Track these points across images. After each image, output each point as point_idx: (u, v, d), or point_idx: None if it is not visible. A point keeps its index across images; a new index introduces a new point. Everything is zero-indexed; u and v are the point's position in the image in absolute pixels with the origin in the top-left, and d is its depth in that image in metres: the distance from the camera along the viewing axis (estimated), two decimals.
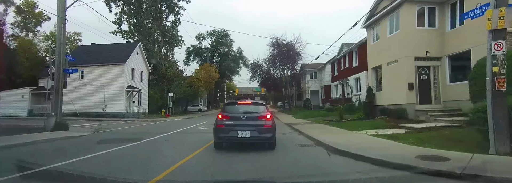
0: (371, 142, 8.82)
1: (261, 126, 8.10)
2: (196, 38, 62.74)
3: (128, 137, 12.10)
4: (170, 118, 29.71)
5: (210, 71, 40.62)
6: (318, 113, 27.06)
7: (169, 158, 7.36)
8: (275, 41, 40.00)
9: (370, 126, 13.34)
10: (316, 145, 9.20)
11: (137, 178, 5.35)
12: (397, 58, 16.01)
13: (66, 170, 5.72)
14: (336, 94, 34.39)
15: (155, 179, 5.16)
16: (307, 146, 9.19)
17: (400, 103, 15.71)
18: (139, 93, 34.32)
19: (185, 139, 11.62)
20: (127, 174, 5.68)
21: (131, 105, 32.48)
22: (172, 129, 15.73)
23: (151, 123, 22.93)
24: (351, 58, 28.81)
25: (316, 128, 14.22)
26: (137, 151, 8.86)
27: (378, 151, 6.97)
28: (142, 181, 5.05)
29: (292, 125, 17.08)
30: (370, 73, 19.46)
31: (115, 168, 6.28)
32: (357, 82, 27.63)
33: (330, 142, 8.82)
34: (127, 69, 31.79)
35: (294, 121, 21.16)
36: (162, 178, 5.23)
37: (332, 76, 35.66)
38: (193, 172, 5.96)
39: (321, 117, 23.26)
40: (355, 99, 26.84)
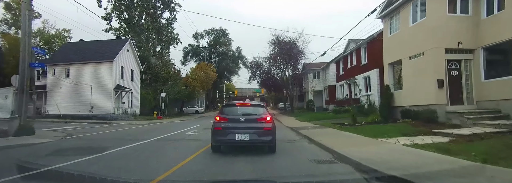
0: (416, 157, 6.29)
1: (261, 129, 7.73)
2: (194, 37, 60.23)
3: (94, 146, 9.64)
4: (161, 121, 27.19)
5: (207, 70, 38.04)
6: (324, 115, 24.53)
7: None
8: (276, 38, 37.48)
9: (396, 131, 10.83)
10: (339, 161, 6.63)
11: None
12: (423, 50, 13.51)
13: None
14: (342, 94, 31.86)
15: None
16: (328, 163, 6.57)
17: (427, 104, 13.19)
18: (130, 93, 31.78)
19: (162, 149, 9.07)
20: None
21: (120, 106, 29.94)
22: (155, 135, 13.19)
23: (138, 126, 20.40)
24: (360, 55, 26.31)
25: (329, 134, 11.68)
26: (88, 167, 6.32)
27: (449, 177, 4.44)
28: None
29: (298, 129, 14.54)
30: (387, 70, 16.95)
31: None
32: (367, 81, 25.13)
33: (358, 156, 6.30)
34: (115, 67, 29.27)
35: (299, 124, 18.62)
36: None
37: (337, 75, 33.14)
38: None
39: (328, 120, 20.74)
40: (365, 100, 24.33)
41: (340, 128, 13.91)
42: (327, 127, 15.26)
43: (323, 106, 38.72)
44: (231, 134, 7.57)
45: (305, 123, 19.24)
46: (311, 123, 19.25)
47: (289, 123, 20.63)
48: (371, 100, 23.46)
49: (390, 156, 6.40)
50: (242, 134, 7.53)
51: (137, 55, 33.50)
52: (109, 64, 28.90)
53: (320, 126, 16.31)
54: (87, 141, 11.63)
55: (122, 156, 7.66)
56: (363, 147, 7.82)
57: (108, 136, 13.28)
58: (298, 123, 20.26)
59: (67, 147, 9.61)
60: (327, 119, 21.35)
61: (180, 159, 7.03)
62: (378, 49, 23.14)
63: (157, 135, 13.07)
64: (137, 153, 8.30)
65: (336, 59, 33.85)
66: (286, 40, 37.25)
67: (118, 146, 9.31)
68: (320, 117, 22.69)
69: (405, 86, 15.20)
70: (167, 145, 9.73)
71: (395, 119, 15.02)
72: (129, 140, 11.22)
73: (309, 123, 18.88)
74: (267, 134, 7.72)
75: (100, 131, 16.33)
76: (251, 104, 9.21)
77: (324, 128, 14.94)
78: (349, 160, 6.24)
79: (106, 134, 14.77)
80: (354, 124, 15.07)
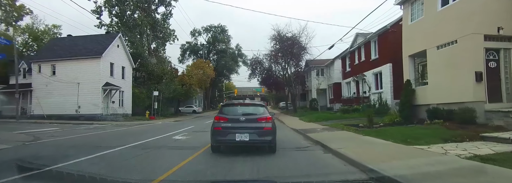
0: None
1: (261, 129, 7.59)
2: (191, 34, 57.96)
3: (47, 155, 7.54)
4: (153, 121, 24.98)
5: (205, 67, 35.74)
6: (330, 115, 22.31)
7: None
8: (277, 34, 35.26)
9: (431, 136, 8.61)
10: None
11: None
12: (456, 38, 11.27)
13: None
14: (348, 92, 29.64)
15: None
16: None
17: (461, 101, 10.96)
18: (120, 92, 29.55)
19: (131, 163, 6.78)
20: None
21: (110, 105, 27.73)
22: (135, 139, 10.97)
23: (123, 129, 18.20)
24: (369, 50, 24.08)
25: (346, 139, 9.45)
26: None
27: None
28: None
29: (306, 132, 12.30)
30: (407, 63, 14.71)
31: None
32: (377, 78, 22.93)
33: (413, 179, 4.05)
34: (104, 64, 27.04)
35: (304, 125, 16.40)
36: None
37: (343, 72, 30.91)
38: None
39: (336, 120, 18.55)
40: (376, 98, 22.13)
41: (356, 130, 11.67)
42: (339, 129, 13.03)
43: (327, 105, 36.51)
44: (231, 134, 7.41)
45: (311, 124, 17.02)
46: (318, 123, 17.03)
47: (293, 124, 18.40)
48: (383, 98, 21.30)
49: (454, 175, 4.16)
50: (242, 134, 7.37)
51: (129, 51, 31.27)
52: (96, 60, 26.68)
53: (330, 127, 14.08)
54: (47, 148, 9.44)
55: (60, 177, 5.28)
56: (407, 161, 5.59)
57: (79, 141, 11.07)
58: (303, 124, 18.04)
59: (12, 157, 7.39)
60: (335, 119, 19.16)
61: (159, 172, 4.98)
62: (391, 42, 21.00)
63: (137, 139, 10.84)
64: (92, 166, 6.04)
65: (341, 55, 31.64)
66: (288, 36, 35.07)
67: (77, 156, 7.08)
68: (327, 117, 20.47)
69: (431, 81, 12.97)
70: (138, 156, 7.43)
71: (420, 119, 12.80)
72: (98, 147, 9.01)
73: (316, 124, 16.65)
74: (267, 134, 7.56)
75: (77, 134, 14.14)
76: (251, 103, 9.17)
77: (336, 130, 12.69)
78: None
79: (80, 138, 12.56)
80: (371, 126, 12.85)
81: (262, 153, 7.57)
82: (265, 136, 7.50)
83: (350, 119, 18.51)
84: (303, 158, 7.00)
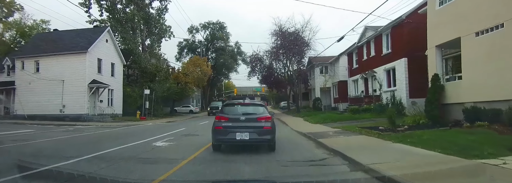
0: None
1: (261, 128, 7.61)
2: (189, 31, 55.66)
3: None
4: (143, 122, 22.82)
5: (201, 65, 33.49)
6: (338, 116, 20.14)
7: None
8: (278, 29, 33.12)
9: (484, 143, 6.50)
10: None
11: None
12: (504, 20, 9.10)
13: None
14: (356, 91, 27.48)
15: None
16: None
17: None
18: (109, 90, 27.39)
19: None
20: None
21: (97, 105, 25.56)
22: (108, 146, 8.81)
23: (106, 131, 16.04)
24: (380, 44, 21.92)
25: (374, 149, 7.29)
26: None
27: None
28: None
29: (316, 137, 10.11)
30: (433, 55, 12.52)
31: None
32: (390, 74, 20.80)
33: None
34: (90, 60, 24.87)
35: (312, 128, 14.23)
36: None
37: (350, 69, 28.73)
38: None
39: (347, 122, 16.44)
40: (388, 97, 20.00)
41: (379, 135, 9.49)
42: (356, 132, 10.85)
43: (332, 104, 34.35)
44: (232, 133, 7.51)
45: (320, 126, 14.85)
46: (327, 126, 14.87)
47: (298, 125, 16.23)
48: (396, 97, 19.19)
49: None
50: (242, 133, 7.46)
51: (119, 47, 29.09)
52: (82, 55, 24.49)
53: (344, 130, 11.90)
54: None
55: None
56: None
57: (35, 148, 8.93)
58: (310, 126, 15.88)
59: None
60: (345, 121, 17.02)
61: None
62: (407, 35, 18.92)
63: (108, 146, 8.65)
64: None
65: (348, 51, 29.47)
66: (290, 31, 32.91)
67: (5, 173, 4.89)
68: (335, 118, 18.29)
69: (466, 75, 10.80)
70: (80, 177, 5.19)
71: (454, 121, 10.63)
72: (51, 157, 6.88)
73: (326, 126, 14.48)
74: (267, 133, 7.63)
75: (47, 138, 12.00)
76: (251, 103, 9.28)
77: (353, 134, 10.51)
78: None
79: (44, 143, 10.41)
80: (394, 129, 10.69)
81: (265, 170, 5.41)
82: (265, 135, 7.57)
83: (363, 120, 16.38)
84: (325, 179, 4.82)
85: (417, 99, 18.86)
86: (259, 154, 7.49)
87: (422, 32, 17.79)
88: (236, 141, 7.44)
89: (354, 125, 13.88)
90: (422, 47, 17.03)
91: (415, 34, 18.88)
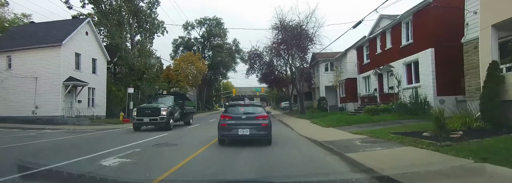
0: None
1: (259, 125, 8.90)
2: (183, 28, 52.43)
3: None
4: (124, 126, 19.71)
5: (195, 61, 30.34)
6: (351, 117, 17.10)
7: None
8: (279, 23, 30.08)
9: None
10: None
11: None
12: None
13: None
14: (367, 89, 24.50)
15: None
16: None
17: None
18: (90, 89, 24.35)
19: None
20: None
21: (75, 105, 22.51)
22: (42, 162, 5.76)
23: (71, 137, 13.04)
24: (399, 34, 18.94)
25: (455, 178, 4.20)
26: None
27: None
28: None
29: (340, 149, 7.05)
30: (488, 37, 9.45)
31: None
32: (411, 68, 17.86)
33: None
34: (66, 54, 21.82)
35: (327, 133, 11.17)
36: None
37: (360, 65, 25.72)
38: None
39: (365, 124, 13.47)
40: (410, 94, 17.03)
41: (434, 146, 6.44)
42: (394, 142, 7.79)
43: (338, 104, 31.32)
44: (235, 129, 8.77)
45: (335, 132, 11.79)
46: (344, 130, 11.82)
47: (306, 130, 13.16)
48: (420, 94, 16.29)
49: None
50: (243, 129, 8.70)
51: (104, 42, 26.05)
52: (56, 49, 21.45)
53: (373, 138, 8.85)
54: None
55: None
56: None
57: None
58: (322, 130, 12.84)
59: None
60: (363, 123, 14.02)
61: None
62: (434, 21, 16.01)
63: (36, 165, 5.63)
64: None
65: (357, 45, 26.48)
66: (293, 24, 29.86)
67: None
68: (349, 120, 15.22)
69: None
70: None
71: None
72: None
73: (343, 132, 11.41)
74: (264, 129, 8.88)
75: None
76: (251, 104, 10.54)
77: (393, 145, 7.42)
78: None
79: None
80: (446, 136, 7.66)
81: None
82: (263, 130, 8.87)
83: (385, 123, 13.41)
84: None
85: (445, 96, 15.97)
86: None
87: (452, 17, 14.86)
88: (238, 136, 8.70)
89: (379, 129, 10.88)
90: (453, 35, 14.20)
91: (443, 20, 15.95)
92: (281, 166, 5.93)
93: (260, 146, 8.56)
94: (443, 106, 15.79)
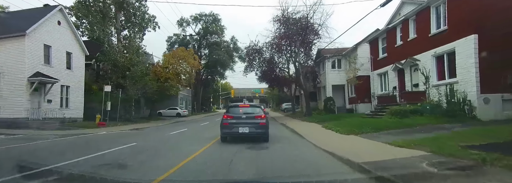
0: None
1: (257, 124, 9.96)
2: (178, 24, 49.31)
3: None
4: (97, 130, 16.47)
5: (187, 57, 27.04)
6: (373, 121, 13.81)
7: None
8: (281, 14, 26.93)
9: None
10: None
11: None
12: None
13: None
14: (384, 87, 21.34)
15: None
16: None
17: None
18: (64, 87, 21.10)
19: None
20: None
21: (44, 106, 19.26)
22: None
23: (12, 146, 9.75)
24: (427, 21, 15.77)
25: None
26: None
27: None
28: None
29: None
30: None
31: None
32: (444, 61, 14.76)
33: None
34: (31, 45, 18.58)
35: (357, 145, 8.03)
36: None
37: (374, 60, 22.49)
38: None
39: (399, 130, 10.32)
40: (443, 92, 13.90)
41: None
42: (501, 168, 4.55)
43: (346, 105, 28.15)
44: (235, 128, 9.81)
45: (364, 142, 8.60)
46: (378, 140, 8.58)
47: (322, 139, 9.95)
48: (457, 92, 13.22)
49: None
50: (243, 127, 9.75)
51: (76, 31, 22.76)
52: (20, 40, 18.18)
53: (442, 156, 5.65)
54: None
55: None
56: None
57: None
58: (344, 140, 9.64)
59: None
60: (393, 128, 10.89)
61: None
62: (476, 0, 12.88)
63: None
64: None
65: (370, 38, 23.30)
66: (297, 17, 26.70)
67: None
68: (374, 125, 11.89)
69: None
70: None
71: None
72: None
73: (377, 142, 8.20)
74: (262, 128, 9.98)
75: None
76: (250, 105, 11.66)
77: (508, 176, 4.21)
78: None
79: None
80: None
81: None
82: (261, 129, 9.94)
83: (423, 128, 10.28)
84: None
85: (490, 94, 12.80)
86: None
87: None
88: (239, 133, 9.81)
89: (428, 138, 7.75)
90: (502, 20, 11.13)
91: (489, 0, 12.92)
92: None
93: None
94: (488, 106, 12.74)
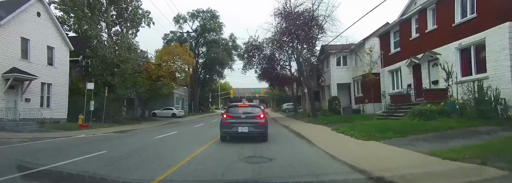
0: None
1: (256, 123, 10.11)
2: (175, 21, 47.48)
3: None
4: (78, 133, 14.60)
5: (181, 54, 25.15)
6: (393, 123, 11.88)
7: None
8: (282, 7, 25.04)
9: None
10: None
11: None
12: None
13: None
14: (396, 85, 19.49)
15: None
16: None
17: None
18: (45, 85, 19.23)
19: None
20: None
21: (22, 105, 17.38)
22: None
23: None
24: (449, 9, 13.91)
25: None
26: None
27: None
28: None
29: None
30: None
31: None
32: (471, 54, 12.94)
33: None
34: (7, 38, 16.66)
35: (388, 156, 6.26)
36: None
37: (385, 56, 20.64)
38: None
39: (428, 134, 8.67)
40: (466, 90, 12.13)
41: None
42: None
43: (352, 105, 26.30)
44: (235, 127, 9.92)
45: (393, 150, 6.89)
46: (409, 147, 6.78)
47: (337, 146, 8.13)
48: (489, 89, 11.52)
49: None
50: (243, 127, 9.86)
51: (59, 24, 20.82)
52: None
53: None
54: None
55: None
56: None
57: None
58: (365, 147, 7.82)
59: None
60: (421, 133, 9.16)
61: None
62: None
63: None
64: None
65: (380, 32, 21.46)
66: (299, 11, 24.80)
67: None
68: (397, 128, 10.01)
69: None
70: None
71: None
72: None
73: (411, 151, 6.41)
74: (261, 127, 10.13)
75: None
76: (250, 105, 11.88)
77: None
78: None
79: None
80: None
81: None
82: (260, 128, 10.08)
83: (458, 133, 8.41)
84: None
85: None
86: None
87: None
88: (238, 133, 9.90)
89: (475, 145, 5.91)
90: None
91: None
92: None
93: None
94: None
